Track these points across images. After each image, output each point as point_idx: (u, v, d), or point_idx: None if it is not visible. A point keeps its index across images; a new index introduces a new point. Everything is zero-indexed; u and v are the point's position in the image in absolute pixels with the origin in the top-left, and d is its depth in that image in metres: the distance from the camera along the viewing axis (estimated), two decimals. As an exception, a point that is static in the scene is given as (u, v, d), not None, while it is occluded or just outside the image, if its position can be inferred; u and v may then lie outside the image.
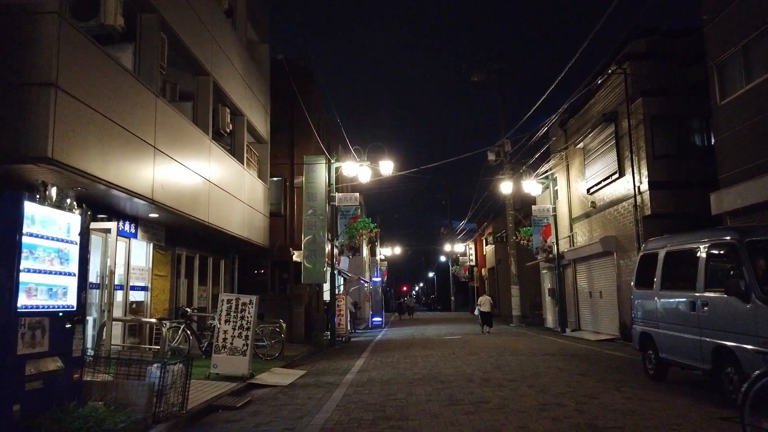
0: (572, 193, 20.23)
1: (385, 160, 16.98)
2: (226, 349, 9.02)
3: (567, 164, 20.58)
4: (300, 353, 13.53)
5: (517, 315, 25.28)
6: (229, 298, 9.26)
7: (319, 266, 16.56)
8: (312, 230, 16.82)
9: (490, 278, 41.21)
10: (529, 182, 20.24)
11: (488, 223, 43.25)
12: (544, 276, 24.36)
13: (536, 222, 20.56)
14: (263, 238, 16.13)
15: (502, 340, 16.33)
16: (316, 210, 16.90)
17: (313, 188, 17.02)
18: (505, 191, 21.72)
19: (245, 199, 14.32)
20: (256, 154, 16.31)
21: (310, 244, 16.71)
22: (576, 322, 19.92)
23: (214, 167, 12.00)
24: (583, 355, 11.93)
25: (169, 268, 12.08)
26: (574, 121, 19.51)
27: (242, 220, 14.02)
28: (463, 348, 14.06)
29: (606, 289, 17.18)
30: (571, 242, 20.29)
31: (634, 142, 14.86)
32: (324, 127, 21.50)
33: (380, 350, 14.54)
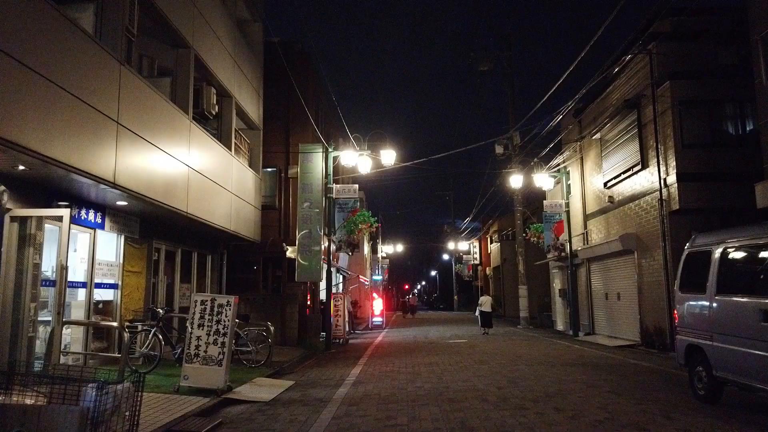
0: (587, 187, 18.92)
1: (386, 149, 15.71)
2: (199, 357, 7.76)
3: (581, 157, 19.26)
4: (291, 359, 12.27)
5: (524, 316, 24.00)
6: (204, 299, 7.99)
7: (315, 263, 15.30)
8: (307, 224, 15.55)
9: (495, 277, 39.91)
10: (541, 176, 18.94)
11: (493, 220, 41.95)
12: (554, 276, 23.06)
13: (547, 218, 19.26)
14: (254, 233, 14.88)
15: (511, 345, 15.05)
16: (311, 202, 15.63)
17: (308, 179, 15.75)
18: (514, 185, 20.44)
19: (233, 189, 13.07)
20: (246, 141, 15.05)
21: (306, 239, 15.45)
22: (589, 325, 18.63)
23: (195, 152, 10.74)
24: (608, 365, 10.65)
25: (145, 264, 10.83)
26: (590, 110, 18.20)
27: (229, 212, 12.76)
28: (470, 354, 12.79)
29: (625, 291, 15.88)
30: (584, 240, 18.99)
31: (659, 130, 13.55)
32: (323, 115, 20.23)
33: (379, 355, 13.29)
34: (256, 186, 15.29)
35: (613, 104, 16.12)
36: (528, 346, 14.77)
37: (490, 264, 42.48)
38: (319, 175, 15.77)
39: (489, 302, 20.21)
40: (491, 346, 14.78)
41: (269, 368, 10.36)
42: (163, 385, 8.05)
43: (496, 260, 39.35)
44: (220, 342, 7.79)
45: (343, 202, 15.83)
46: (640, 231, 14.66)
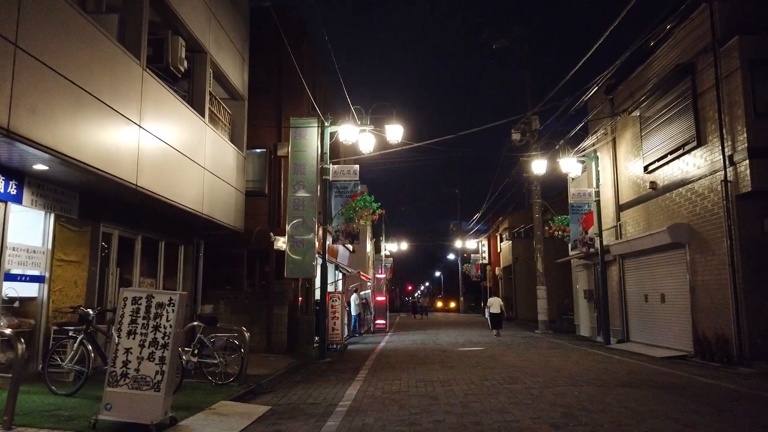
0: (620, 174, 16.57)
1: (393, 124, 13.40)
2: (129, 378, 5.48)
3: (613, 139, 16.92)
4: (274, 371, 9.99)
5: (543, 320, 21.65)
6: (136, 296, 5.70)
7: (308, 257, 13.03)
8: (299, 211, 13.27)
9: (506, 278, 37.56)
10: (568, 160, 16.60)
11: (504, 217, 39.57)
12: (578, 275, 20.70)
13: (574, 209, 16.93)
14: (235, 220, 12.60)
15: (540, 355, 12.72)
16: (304, 185, 13.35)
17: (301, 158, 13.47)
18: (536, 171, 18.08)
19: (207, 164, 10.80)
20: (228, 112, 12.78)
21: (297, 229, 13.18)
22: (622, 331, 16.27)
23: (151, 110, 8.47)
24: (676, 385, 8.31)
25: (87, 252, 8.55)
26: (625, 85, 15.86)
27: (200, 192, 10.49)
28: (494, 367, 10.48)
29: (671, 292, 13.53)
30: (617, 234, 16.64)
31: (723, 97, 11.21)
32: (321, 93, 17.94)
33: (382, 367, 10.99)
34: (239, 165, 13.02)
35: (658, 74, 13.79)
36: (560, 356, 12.43)
37: (500, 264, 40.12)
38: (313, 153, 13.49)
39: (498, 303, 19.84)
40: (516, 356, 12.46)
41: (241, 386, 8.08)
42: (81, 415, 5.77)
43: (507, 259, 37.01)
44: (158, 356, 5.51)
45: (342, 186, 13.54)
46: (694, 220, 12.32)
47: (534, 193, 22.40)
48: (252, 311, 13.27)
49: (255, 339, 13.16)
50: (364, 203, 13.06)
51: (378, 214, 13.27)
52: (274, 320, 13.20)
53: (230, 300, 13.33)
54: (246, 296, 13.43)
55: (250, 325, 13.18)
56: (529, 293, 32.73)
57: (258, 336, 13.17)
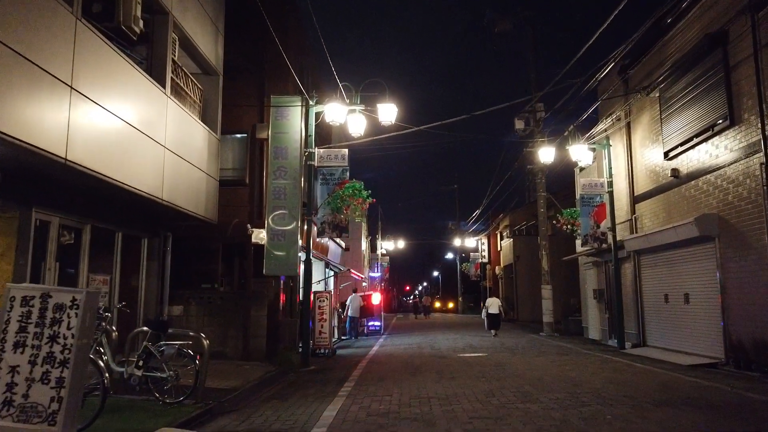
0: (636, 162, 15.14)
1: (386, 102, 11.95)
2: (14, 407, 4.02)
3: (627, 124, 15.50)
4: (243, 383, 8.54)
5: (549, 321, 20.22)
6: (27, 295, 4.24)
7: (291, 252, 11.59)
8: (280, 200, 11.83)
9: (506, 277, 36.14)
10: (578, 147, 15.15)
11: (504, 214, 38.15)
12: (586, 274, 19.27)
13: (585, 201, 15.49)
14: (207, 209, 11.14)
15: (551, 363, 11.29)
16: (286, 171, 11.91)
17: (283, 140, 12.03)
18: (543, 159, 16.62)
19: (169, 143, 9.33)
20: (199, 88, 11.31)
21: (278, 221, 11.73)
22: (638, 335, 14.85)
23: (88, 70, 6.99)
24: (724, 403, 6.87)
25: (14, 242, 7.08)
26: (641, 64, 14.43)
27: (160, 174, 9.02)
28: (501, 378, 9.04)
29: (698, 292, 12.10)
30: (631, 228, 15.21)
31: (763, 68, 9.77)
32: (309, 75, 16.47)
33: (372, 378, 9.53)
34: (213, 149, 11.55)
35: (681, 48, 12.36)
36: (574, 365, 10.99)
37: (500, 262, 38.71)
38: (296, 136, 12.04)
39: (497, 304, 19.75)
40: (524, 365, 11.02)
41: (197, 405, 6.62)
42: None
43: (507, 258, 35.59)
44: (54, 377, 4.05)
45: (328, 172, 12.08)
46: (726, 211, 10.89)
47: (539, 186, 20.97)
48: (227, 313, 11.81)
49: (230, 344, 11.72)
50: (352, 191, 11.62)
51: (369, 203, 11.81)
52: (251, 323, 11.74)
53: (202, 300, 11.87)
54: (220, 296, 11.97)
55: (225, 328, 11.74)
56: (531, 293, 31.32)
57: (233, 341, 11.72)
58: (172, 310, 11.67)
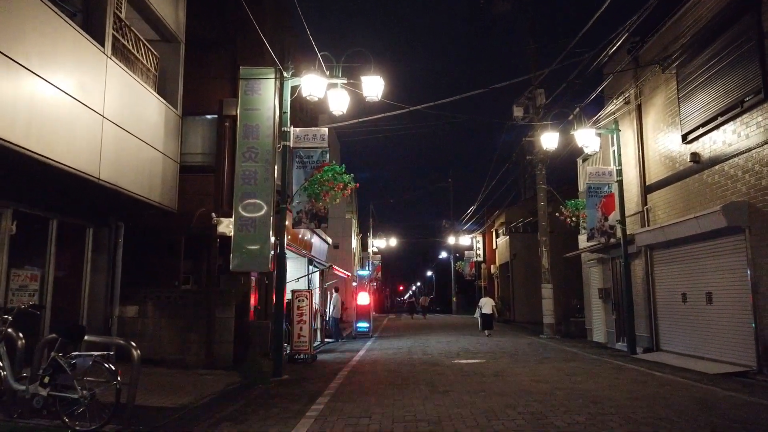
0: (648, 148, 13.78)
1: (371, 75, 10.51)
2: None
3: (638, 106, 14.13)
4: (197, 399, 7.09)
5: (549, 323, 18.85)
6: None
7: (262, 244, 10.14)
8: (250, 185, 10.38)
9: (502, 276, 34.76)
10: (585, 131, 13.75)
11: (500, 211, 36.78)
12: (591, 272, 17.91)
13: (592, 191, 14.10)
14: (163, 195, 9.67)
15: (557, 372, 9.90)
16: (257, 153, 10.46)
17: (253, 118, 10.57)
18: (546, 145, 15.19)
19: (111, 113, 7.86)
20: (155, 55, 9.82)
21: (248, 209, 10.28)
22: (650, 338, 13.48)
23: (-14, 7, 5.52)
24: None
25: None
26: (656, 39, 13.06)
27: (96, 149, 7.54)
28: (503, 392, 7.62)
29: (723, 290, 10.73)
30: (642, 221, 13.86)
31: (807, 29, 8.42)
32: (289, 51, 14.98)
33: (352, 393, 8.09)
34: (172, 126, 10.08)
35: (702, 17, 11.00)
36: (586, 374, 9.59)
37: (495, 261, 37.36)
38: (269, 113, 10.58)
39: (490, 304, 19.74)
40: (529, 374, 9.61)
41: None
42: None
43: (503, 256, 34.24)
44: None
45: (306, 155, 10.62)
46: (758, 198, 9.52)
47: (539, 178, 19.58)
48: (188, 315, 10.34)
49: (192, 351, 10.26)
50: (332, 175, 10.16)
51: (351, 188, 10.34)
52: (216, 326, 10.27)
53: (160, 300, 10.39)
54: (180, 295, 10.49)
55: (186, 332, 10.28)
56: (529, 293, 29.99)
57: (196, 347, 10.25)
58: (125, 311, 10.20)
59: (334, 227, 32.95)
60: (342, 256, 32.74)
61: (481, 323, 19.55)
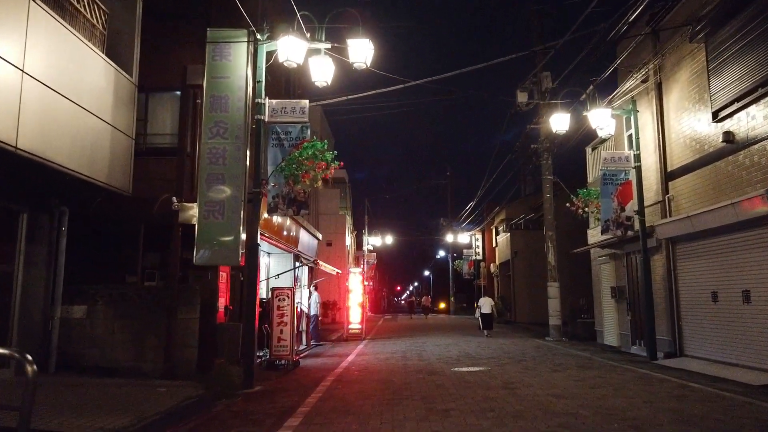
0: (670, 129, 12.38)
1: (358, 38, 9.06)
2: None
3: (658, 84, 12.73)
4: (134, 422, 5.62)
5: (556, 324, 17.46)
6: None
7: (232, 234, 8.68)
8: (218, 165, 8.92)
9: (502, 275, 33.34)
10: (599, 111, 12.31)
11: (500, 207, 35.36)
12: (602, 268, 16.50)
13: (607, 178, 12.67)
14: (113, 175, 8.22)
15: (574, 383, 8.47)
16: (226, 128, 9.00)
17: (222, 87, 9.11)
18: (556, 127, 13.68)
19: (31, 66, 6.39)
20: (102, 10, 8.37)
21: (215, 192, 8.82)
22: (672, 342, 12.08)
23: None
24: None
25: None
26: (679, 7, 11.64)
27: (10, 110, 6.07)
28: (517, 413, 6.19)
29: (764, 288, 9.32)
30: (663, 211, 12.46)
31: None
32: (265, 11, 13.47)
33: (331, 411, 6.65)
34: (124, 95, 8.63)
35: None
36: (609, 385, 8.17)
37: (495, 260, 35.95)
38: (240, 82, 9.12)
39: (489, 303, 19.64)
40: (543, 385, 8.18)
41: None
42: None
43: (503, 254, 32.83)
44: None
45: (283, 130, 9.17)
46: (811, 179, 8.12)
47: (544, 169, 18.16)
48: (146, 315, 8.88)
49: (149, 357, 8.81)
50: (313, 152, 8.71)
51: (334, 168, 8.89)
52: (178, 329, 8.81)
53: (113, 298, 8.93)
54: (137, 293, 9.03)
55: (143, 335, 8.83)
56: (531, 292, 28.57)
57: (154, 353, 8.80)
58: (70, 312, 8.74)
59: (326, 224, 31.53)
60: (335, 254, 31.31)
61: (481, 323, 19.32)
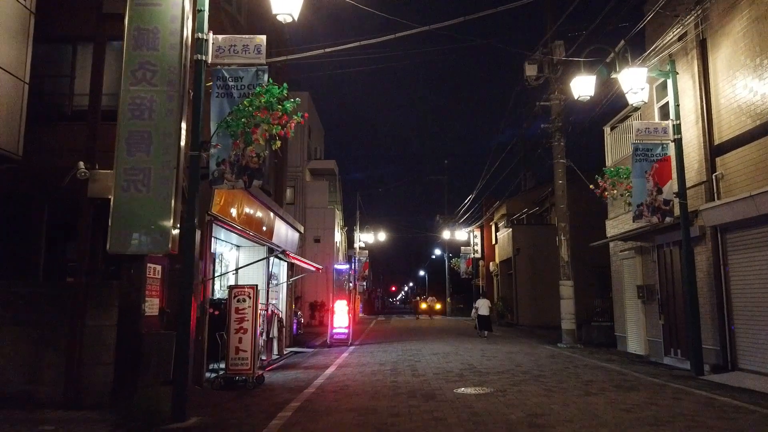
0: (717, 95, 10.19)
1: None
2: None
3: (701, 42, 10.54)
4: None
5: (569, 329, 15.25)
6: None
7: (163, 214, 6.40)
8: (144, 121, 6.64)
9: (503, 274, 31.11)
10: (632, 72, 10.07)
11: (501, 202, 33.15)
12: (624, 265, 14.30)
13: (640, 154, 10.43)
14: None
15: (624, 416, 6.27)
16: (155, 72, 6.71)
17: (150, 18, 6.82)
18: (581, 92, 11.39)
19: None
20: None
21: (138, 157, 6.54)
22: (720, 352, 9.89)
23: None
24: None
25: None
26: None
27: None
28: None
29: None
30: (709, 192, 10.27)
31: None
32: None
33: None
34: (11, 24, 6.36)
35: None
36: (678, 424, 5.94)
37: (495, 258, 33.74)
38: (175, 11, 6.83)
39: (486, 305, 19.44)
40: (583, 418, 5.96)
41: None
42: None
43: (504, 252, 30.60)
44: None
45: (232, 76, 6.92)
46: None
47: (556, 151, 15.94)
48: (44, 322, 6.61)
49: (46, 378, 6.54)
50: (269, 100, 6.44)
51: (296, 122, 6.61)
52: (86, 340, 6.54)
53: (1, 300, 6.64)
54: (30, 293, 6.75)
55: (40, 349, 6.55)
56: (534, 292, 26.36)
57: (53, 372, 6.52)
58: (-62, 317, 6.44)
59: (314, 219, 29.22)
60: (324, 251, 29.05)
61: (479, 324, 19.07)
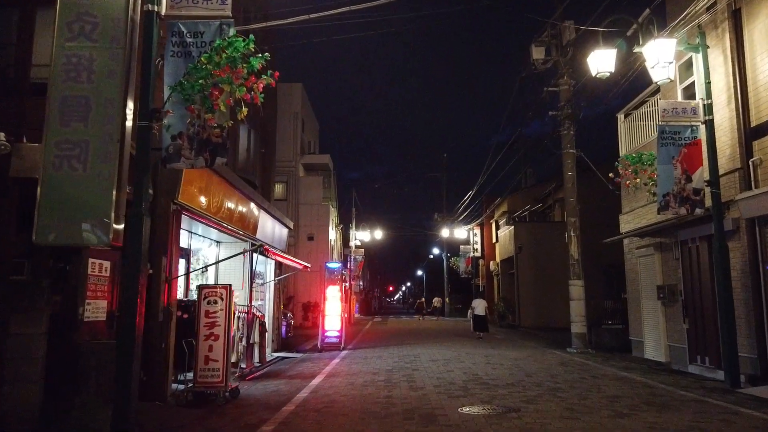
0: (754, 72, 9.00)
1: None
2: None
3: (734, 12, 9.36)
4: None
5: (580, 332, 14.08)
6: None
7: (103, 197, 5.18)
8: (81, 85, 5.40)
9: (504, 273, 29.91)
10: (660, 43, 8.89)
11: (502, 199, 31.98)
12: (641, 263, 13.11)
13: (666, 138, 9.23)
14: None
15: None
16: (96, 26, 5.48)
17: (88, -41, 5.59)
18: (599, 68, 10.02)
19: None
20: None
21: (72, 127, 5.32)
22: (757, 361, 8.70)
23: None
24: None
25: None
26: None
27: None
28: None
29: None
30: (744, 181, 9.09)
31: None
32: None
33: None
34: None
35: None
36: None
37: (495, 257, 32.55)
38: (121, -48, 5.61)
39: (483, 306, 19.45)
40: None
41: None
42: None
43: (505, 250, 29.42)
44: None
45: (192, 31, 5.72)
46: None
47: (565, 140, 14.74)
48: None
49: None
50: (232, 55, 5.22)
51: (264, 82, 5.38)
52: (8, 352, 5.31)
53: None
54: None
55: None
56: (537, 292, 25.18)
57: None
58: None
59: (307, 215, 28.00)
60: (318, 249, 27.85)
61: (474, 325, 19.16)
